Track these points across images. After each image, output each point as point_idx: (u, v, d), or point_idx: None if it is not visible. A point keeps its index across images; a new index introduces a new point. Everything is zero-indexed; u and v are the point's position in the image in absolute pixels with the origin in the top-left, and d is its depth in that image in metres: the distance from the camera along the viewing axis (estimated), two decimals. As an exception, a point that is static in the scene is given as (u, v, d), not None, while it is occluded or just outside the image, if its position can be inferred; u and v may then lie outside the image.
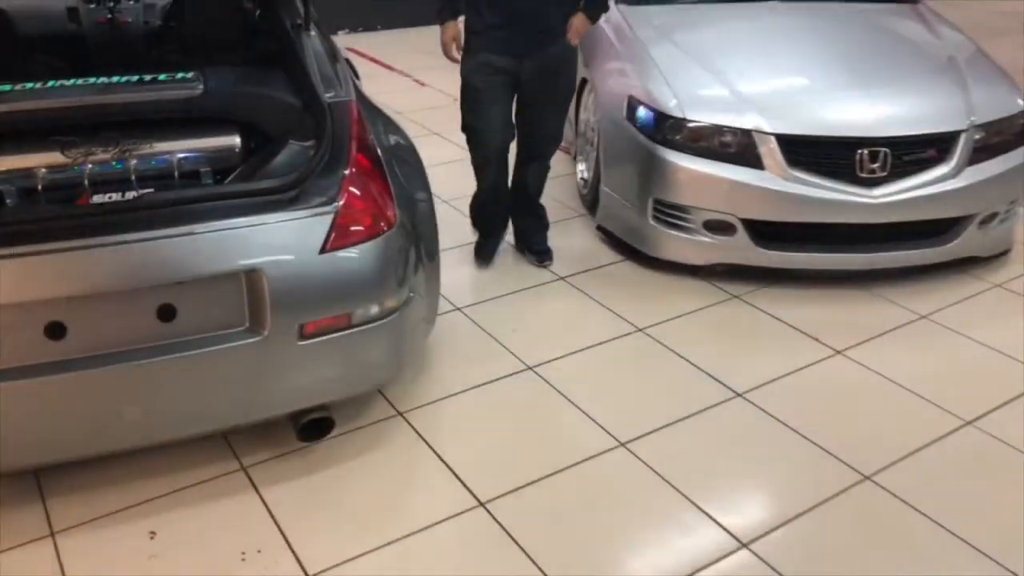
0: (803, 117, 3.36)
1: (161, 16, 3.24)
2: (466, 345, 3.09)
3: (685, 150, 3.40)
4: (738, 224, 3.38)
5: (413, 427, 2.66)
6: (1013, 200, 3.58)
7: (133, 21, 3.21)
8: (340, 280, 2.28)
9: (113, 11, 3.12)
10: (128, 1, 3.25)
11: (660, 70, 3.59)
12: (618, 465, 2.50)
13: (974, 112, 3.42)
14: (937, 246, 3.48)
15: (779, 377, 2.94)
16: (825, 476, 2.47)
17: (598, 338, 3.15)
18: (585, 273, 3.60)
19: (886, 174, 3.30)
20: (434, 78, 6.33)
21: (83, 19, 3.13)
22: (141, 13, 3.26)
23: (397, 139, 2.90)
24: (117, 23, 3.13)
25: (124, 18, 3.19)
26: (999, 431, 2.67)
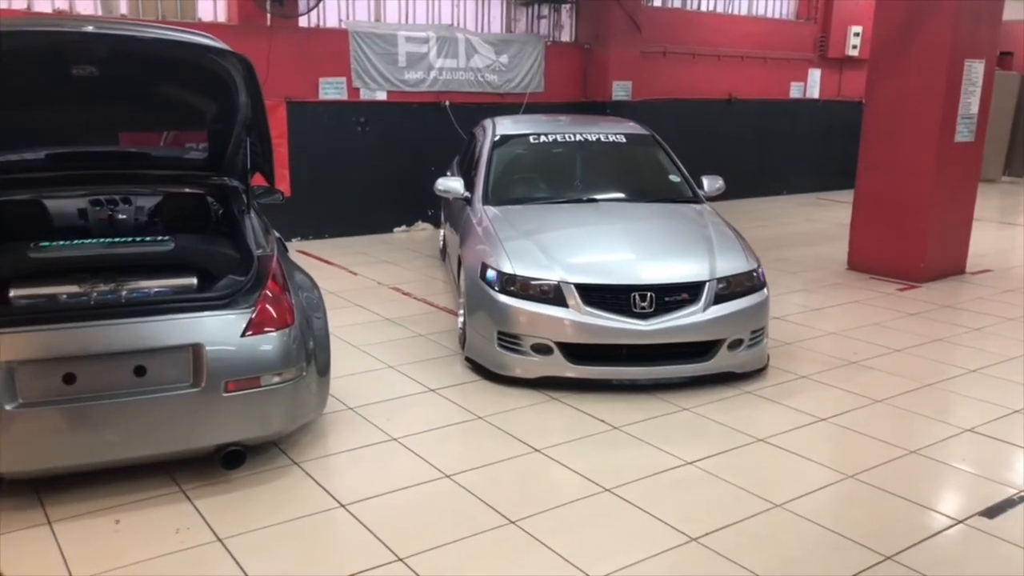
0: (593, 272, 4.85)
1: (148, 214, 4.70)
2: (351, 426, 4.31)
3: (517, 296, 4.84)
4: (554, 346, 4.76)
5: (305, 471, 3.84)
6: (756, 329, 5.01)
7: (127, 218, 4.66)
8: (253, 355, 3.59)
9: (113, 212, 4.54)
10: (124, 205, 4.73)
11: (503, 244, 5.12)
12: (450, 492, 3.69)
13: (716, 270, 4.94)
14: (699, 363, 4.86)
15: (572, 440, 4.19)
16: (573, 489, 3.67)
17: (448, 421, 4.41)
18: (451, 387, 4.90)
19: (652, 310, 4.74)
20: (365, 270, 7.89)
21: (90, 217, 4.52)
22: (133, 213, 4.74)
23: (304, 280, 4.31)
24: (115, 220, 4.56)
25: (119, 215, 4.65)
26: (711, 467, 3.91)
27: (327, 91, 9.17)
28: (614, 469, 3.89)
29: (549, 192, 6.12)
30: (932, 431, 4.39)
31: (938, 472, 3.95)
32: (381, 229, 9.76)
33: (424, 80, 9.74)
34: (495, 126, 6.66)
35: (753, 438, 4.26)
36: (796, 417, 4.54)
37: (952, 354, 5.68)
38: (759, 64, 12.86)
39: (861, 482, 3.80)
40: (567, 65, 11.00)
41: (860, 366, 5.39)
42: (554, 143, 6.37)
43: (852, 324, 6.35)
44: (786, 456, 4.07)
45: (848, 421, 4.49)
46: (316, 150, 9.14)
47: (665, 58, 11.74)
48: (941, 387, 5.04)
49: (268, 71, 8.67)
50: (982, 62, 7.47)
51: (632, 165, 6.52)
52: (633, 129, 6.67)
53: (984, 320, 6.48)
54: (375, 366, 5.24)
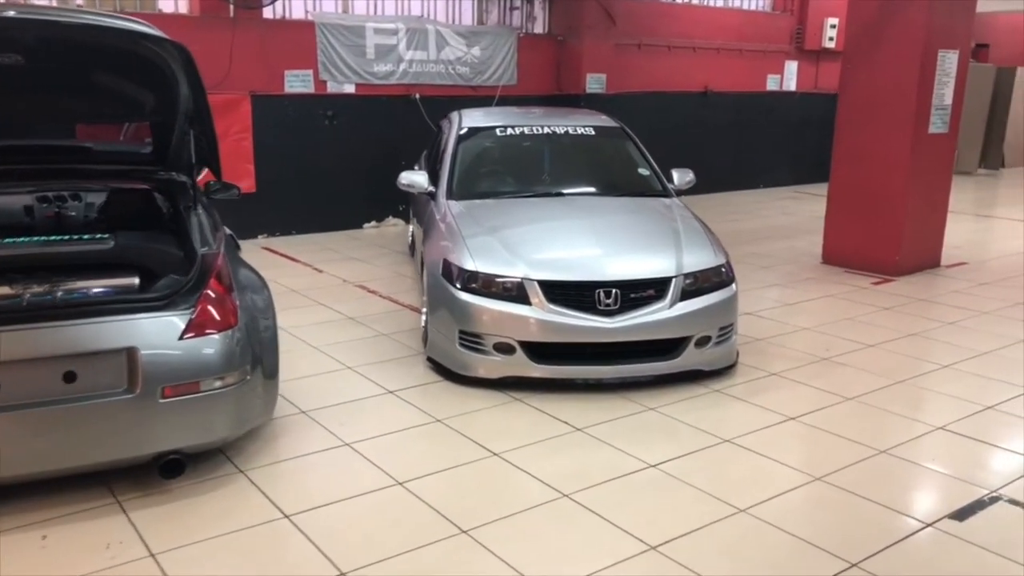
0: (557, 268, 4.70)
1: (91, 211, 4.50)
2: (302, 431, 4.14)
3: (479, 294, 4.68)
4: (517, 345, 4.60)
5: (250, 480, 3.67)
6: (724, 326, 4.88)
7: (76, 215, 4.46)
8: (192, 358, 3.41)
9: (60, 208, 4.35)
10: (73, 201, 4.53)
11: (465, 241, 4.96)
12: (402, 500, 3.53)
13: (683, 265, 4.80)
14: (666, 361, 4.72)
15: (532, 443, 4.04)
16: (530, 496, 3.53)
17: (405, 425, 4.25)
18: (411, 388, 4.74)
19: (618, 307, 4.59)
20: (331, 267, 7.70)
21: (36, 214, 4.32)
22: (83, 210, 4.53)
23: (253, 280, 4.13)
24: (63, 216, 4.37)
25: (68, 212, 4.45)
26: (675, 470, 3.78)
27: (293, 84, 8.96)
28: (574, 473, 3.74)
29: (515, 186, 5.96)
30: (903, 430, 4.27)
31: (908, 473, 3.83)
32: (351, 225, 9.57)
33: (394, 72, 9.55)
34: (461, 118, 6.50)
35: (720, 439, 4.12)
36: (765, 416, 4.41)
37: (926, 349, 5.58)
38: (735, 56, 12.75)
39: (829, 484, 3.67)
40: (540, 58, 10.84)
41: (832, 362, 5.27)
42: (521, 136, 6.21)
43: (825, 319, 6.24)
44: (753, 458, 3.94)
45: (818, 420, 4.37)
46: (282, 145, 8.94)
47: (640, 50, 11.60)
48: (914, 383, 4.93)
49: (231, 64, 8.49)
50: (956, 53, 7.38)
51: (601, 158, 6.37)
52: (602, 121, 6.52)
53: (958, 314, 6.39)
54: (333, 367, 5.06)
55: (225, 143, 8.48)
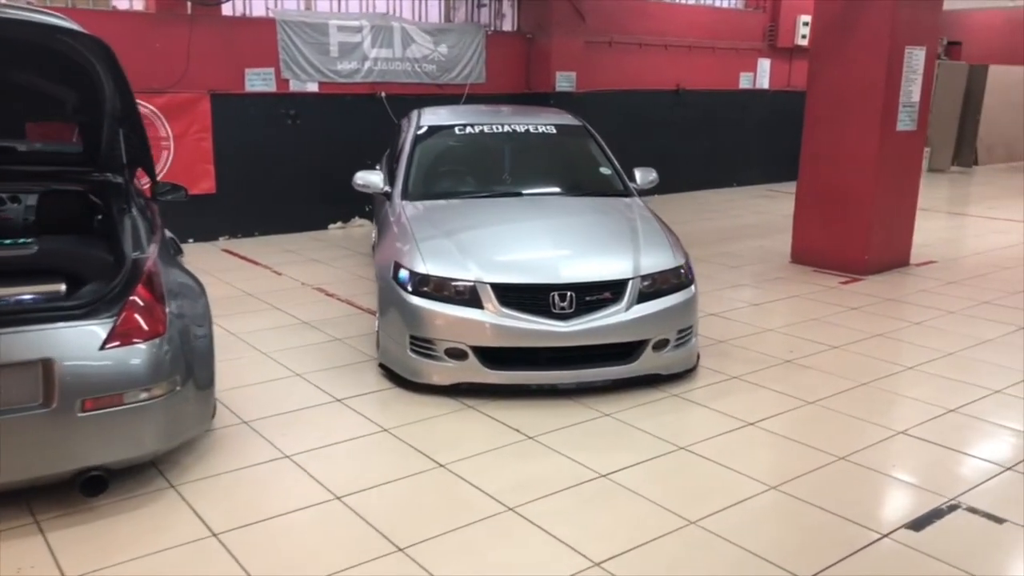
0: (510, 271, 4.55)
1: (25, 214, 4.32)
2: (241, 442, 3.97)
3: (430, 298, 4.53)
4: (469, 351, 4.45)
5: (181, 495, 3.50)
6: (683, 329, 4.75)
7: (15, 218, 4.27)
8: (115, 369, 3.23)
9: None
10: (12, 204, 4.34)
11: (417, 243, 4.80)
12: (338, 516, 3.37)
13: (640, 267, 4.66)
14: (623, 365, 4.59)
15: (481, 453, 3.89)
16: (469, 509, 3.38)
17: (349, 435, 4.09)
18: (360, 396, 4.57)
19: (573, 310, 4.45)
20: (291, 269, 7.52)
21: None
22: (22, 213, 4.34)
23: (190, 286, 3.95)
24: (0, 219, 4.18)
25: (6, 215, 4.26)
26: (626, 480, 3.64)
27: (254, 83, 8.76)
28: (522, 485, 3.60)
29: (473, 186, 5.81)
30: (864, 434, 4.16)
31: (866, 480, 3.71)
32: (315, 226, 9.38)
33: (358, 71, 9.37)
34: (420, 117, 6.34)
35: (675, 446, 3.99)
36: (722, 422, 4.29)
37: (891, 350, 5.48)
38: (708, 54, 12.65)
39: (784, 494, 3.55)
40: (509, 55, 10.69)
41: (795, 365, 5.16)
42: (480, 135, 6.06)
43: (791, 320, 6.14)
44: (708, 466, 3.81)
45: (777, 425, 4.25)
46: (243, 144, 8.74)
47: (611, 48, 11.48)
48: (877, 386, 4.82)
49: (189, 62, 8.28)
50: (923, 49, 7.30)
51: (562, 157, 6.24)
52: (565, 120, 6.38)
53: (925, 314, 6.30)
54: (281, 374, 4.89)
55: (184, 143, 8.35)
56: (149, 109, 8.10)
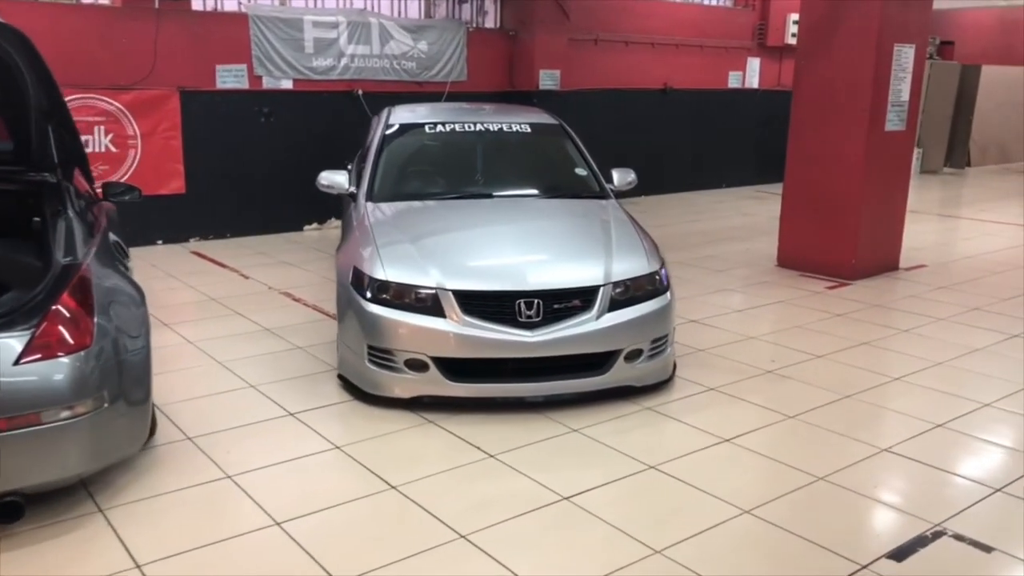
0: (474, 277, 4.31)
1: None
2: (183, 461, 3.72)
3: (390, 306, 4.28)
4: (430, 362, 4.21)
5: (108, 521, 3.24)
6: (658, 338, 4.51)
7: None
8: (31, 386, 2.98)
9: None
10: None
11: (378, 247, 4.55)
12: (274, 545, 3.13)
13: (612, 273, 4.42)
14: (593, 377, 4.35)
15: (437, 473, 3.65)
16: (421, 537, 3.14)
17: (299, 453, 3.83)
18: (315, 410, 4.32)
19: (540, 319, 4.21)
20: (259, 273, 7.26)
21: None
22: None
23: (127, 294, 3.70)
24: None
25: None
26: (590, 504, 3.40)
27: (225, 79, 8.50)
28: (477, 509, 3.35)
29: (443, 187, 5.57)
30: (845, 452, 3.92)
31: (846, 503, 3.47)
32: (290, 227, 9.13)
33: (334, 68, 9.12)
34: (389, 114, 6.09)
35: (644, 465, 3.75)
36: (697, 438, 4.05)
37: (877, 360, 5.25)
38: (696, 52, 12.43)
39: (757, 518, 3.31)
40: (491, 53, 10.45)
41: (776, 375, 4.93)
42: (452, 133, 5.80)
43: (774, 327, 5.90)
44: (678, 487, 3.57)
45: (754, 442, 4.02)
46: (215, 143, 8.48)
47: (596, 46, 11.25)
48: (861, 398, 4.59)
49: (156, 58, 8.02)
50: (912, 47, 7.08)
51: (536, 157, 5.99)
52: (540, 118, 6.13)
53: (914, 320, 6.08)
54: (234, 385, 4.64)
55: (152, 142, 8.09)
56: (115, 106, 7.85)
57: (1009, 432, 4.17)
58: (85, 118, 7.68)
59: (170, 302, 6.33)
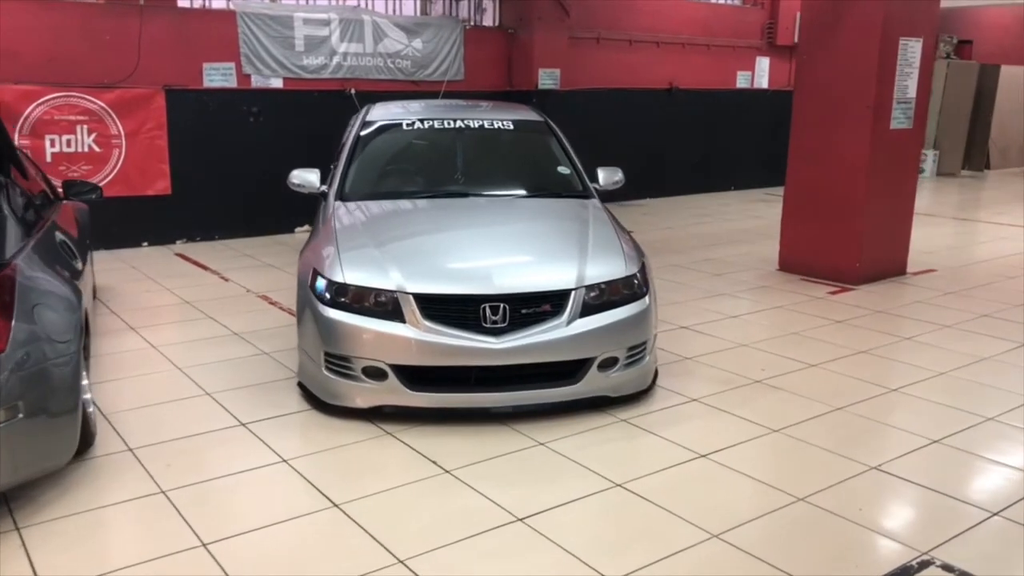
0: (435, 280, 4.05)
1: None
2: (118, 474, 3.49)
3: (347, 310, 4.04)
4: (388, 370, 3.96)
5: (23, 540, 3.02)
6: (635, 346, 4.23)
7: None
8: (-69, 394, 2.76)
9: None
10: None
11: (339, 249, 4.31)
12: (198, 567, 2.89)
13: (585, 276, 4.15)
14: (564, 387, 4.08)
15: (385, 490, 3.40)
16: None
17: (243, 466, 3.60)
18: (268, 420, 4.09)
19: (506, 325, 3.95)
20: (240, 275, 7.06)
21: None
22: None
23: (58, 298, 3.48)
24: None
25: None
26: (545, 526, 3.13)
27: (213, 78, 8.33)
28: (420, 531, 3.09)
29: (417, 186, 5.33)
30: (830, 470, 3.62)
31: (826, 527, 3.18)
32: (281, 229, 8.93)
33: (326, 66, 8.92)
34: (367, 112, 5.87)
35: (611, 483, 3.48)
36: (671, 453, 3.77)
37: (874, 369, 4.94)
38: (703, 51, 12.14)
39: (725, 543, 3.03)
40: (490, 51, 10.22)
41: (764, 385, 4.63)
42: (430, 130, 5.56)
43: (768, 334, 5.60)
44: (643, 508, 3.29)
45: (732, 458, 3.73)
46: (201, 143, 8.30)
47: (599, 44, 10.99)
48: (853, 411, 4.28)
49: (140, 56, 7.86)
50: (919, 40, 6.75)
51: (517, 155, 5.74)
52: (525, 115, 5.87)
53: (918, 328, 5.76)
54: (189, 393, 4.42)
55: (137, 141, 7.92)
56: (98, 105, 7.68)
57: (1011, 449, 3.85)
58: (67, 117, 7.54)
59: (142, 305, 6.13)
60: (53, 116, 7.47)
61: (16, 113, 7.31)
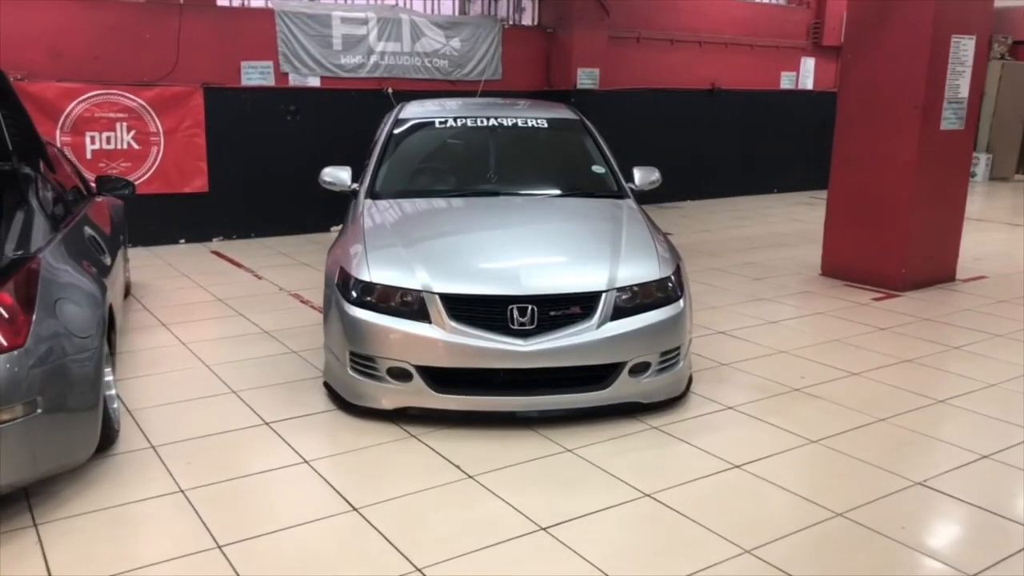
0: (462, 280, 3.96)
1: None
2: (138, 472, 3.46)
3: (373, 309, 3.97)
4: (413, 371, 3.88)
5: (39, 537, 2.99)
6: (668, 351, 4.09)
7: None
8: (-50, 388, 2.73)
9: None
10: None
11: (367, 246, 4.25)
12: (212, 570, 2.83)
13: (617, 278, 4.02)
14: (593, 392, 3.96)
15: (408, 494, 3.32)
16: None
17: (263, 467, 3.54)
18: (292, 420, 4.03)
19: (534, 327, 3.85)
20: (274, 273, 7.05)
21: None
22: None
23: (83, 294, 3.45)
24: None
25: None
26: (569, 536, 3.02)
27: (251, 76, 8.36)
28: (440, 538, 3.00)
29: (448, 184, 5.25)
30: (872, 484, 3.45)
31: (867, 546, 3.01)
32: (316, 228, 8.92)
33: (363, 65, 8.91)
34: (400, 110, 5.80)
35: (640, 492, 3.35)
36: (704, 463, 3.63)
37: (920, 379, 4.73)
38: (746, 52, 11.91)
39: (760, 560, 2.88)
40: (528, 51, 10.12)
41: (803, 394, 4.46)
42: (462, 129, 5.48)
43: (809, 340, 5.41)
44: (672, 520, 3.16)
45: (767, 469, 3.57)
46: (239, 141, 8.33)
47: (639, 44, 10.84)
48: (897, 423, 4.10)
49: (179, 54, 7.91)
50: (972, 38, 6.49)
51: (551, 154, 5.63)
52: (559, 113, 5.76)
53: (968, 336, 5.52)
54: (215, 391, 4.39)
55: (175, 139, 7.97)
56: (138, 103, 7.75)
57: (1068, 467, 3.64)
58: (107, 114, 7.61)
59: (175, 302, 6.14)
60: (94, 113, 7.55)
61: (58, 110, 7.40)
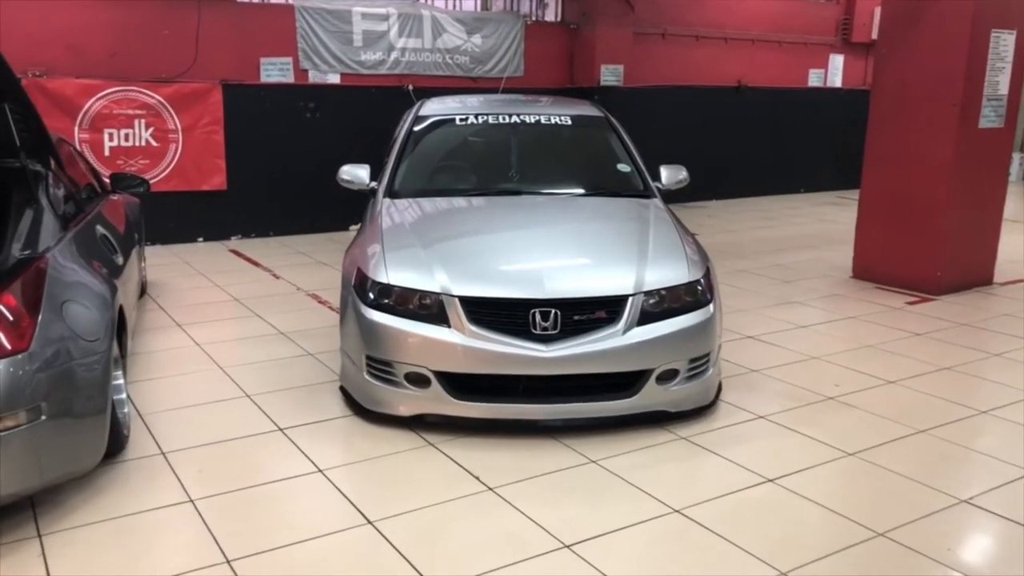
0: (483, 282, 3.81)
1: None
2: (148, 479, 3.34)
3: (390, 312, 3.83)
4: (432, 376, 3.74)
5: (42, 549, 2.88)
6: (697, 357, 3.93)
7: None
8: (-51, 393, 2.63)
9: None
10: None
11: (384, 247, 4.11)
12: (207, 575, 2.71)
13: (644, 281, 3.86)
14: (619, 400, 3.80)
15: (424, 507, 3.18)
16: None
17: (276, 475, 3.42)
18: (306, 426, 3.91)
19: (557, 332, 3.69)
20: (292, 273, 6.95)
21: None
22: None
23: (92, 296, 3.34)
24: None
25: None
26: (593, 554, 2.87)
27: (270, 73, 8.26)
28: (457, 553, 2.86)
29: (469, 183, 5.11)
30: (914, 501, 3.27)
31: (911, 568, 2.84)
32: (336, 227, 8.80)
33: (384, 62, 8.79)
34: (420, 107, 5.67)
35: (668, 508, 3.19)
36: (735, 476, 3.46)
37: (960, 388, 4.53)
38: (773, 48, 11.67)
39: (796, 584, 2.72)
40: (550, 47, 9.96)
41: (838, 403, 4.27)
42: (484, 126, 5.33)
43: (842, 346, 5.22)
44: (703, 537, 3.00)
45: (801, 484, 3.40)
46: (258, 139, 8.24)
47: (664, 40, 10.64)
48: (938, 435, 3.90)
49: (198, 50, 7.83)
50: (1013, 33, 6.26)
51: (575, 151, 5.46)
52: (583, 110, 5.60)
53: (1008, 343, 5.30)
54: (229, 394, 4.27)
55: (193, 136, 7.88)
56: (156, 99, 7.67)
57: (1122, 485, 3.43)
58: (125, 111, 7.54)
59: (191, 301, 6.05)
60: (112, 110, 7.48)
61: (77, 107, 7.34)
